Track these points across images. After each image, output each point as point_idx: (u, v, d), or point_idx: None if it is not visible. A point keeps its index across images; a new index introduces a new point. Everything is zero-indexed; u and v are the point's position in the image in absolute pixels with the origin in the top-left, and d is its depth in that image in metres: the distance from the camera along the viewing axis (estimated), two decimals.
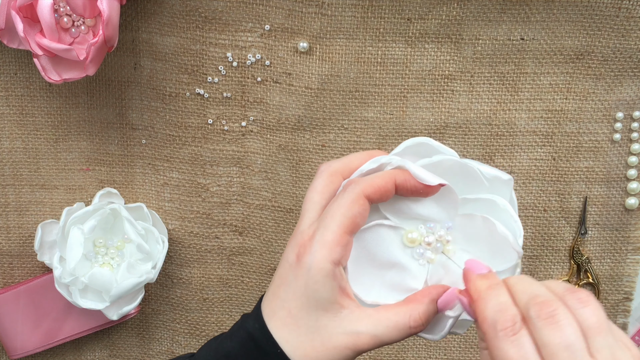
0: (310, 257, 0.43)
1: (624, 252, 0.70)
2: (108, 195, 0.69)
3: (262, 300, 0.46)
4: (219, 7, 0.64)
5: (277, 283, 0.45)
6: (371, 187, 0.44)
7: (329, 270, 0.43)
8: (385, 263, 0.48)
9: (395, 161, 0.46)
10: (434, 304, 0.45)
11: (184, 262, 0.72)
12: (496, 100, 0.66)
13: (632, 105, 0.66)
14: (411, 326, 0.44)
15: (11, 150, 0.69)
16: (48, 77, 0.59)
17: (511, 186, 0.46)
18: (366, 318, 0.44)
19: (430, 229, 0.47)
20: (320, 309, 0.43)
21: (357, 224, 0.44)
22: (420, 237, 0.47)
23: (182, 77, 0.66)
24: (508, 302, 0.39)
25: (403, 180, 0.44)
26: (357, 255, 0.47)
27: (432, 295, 0.45)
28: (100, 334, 0.74)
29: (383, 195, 0.44)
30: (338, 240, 0.43)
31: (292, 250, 0.44)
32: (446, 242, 0.47)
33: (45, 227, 0.68)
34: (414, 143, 0.46)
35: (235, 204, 0.70)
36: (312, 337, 0.43)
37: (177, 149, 0.69)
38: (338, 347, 0.43)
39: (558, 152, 0.68)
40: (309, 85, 0.66)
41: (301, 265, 0.43)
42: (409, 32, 0.64)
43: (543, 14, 0.63)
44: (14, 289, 0.70)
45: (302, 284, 0.43)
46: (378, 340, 0.44)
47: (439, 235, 0.47)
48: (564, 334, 0.37)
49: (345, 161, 0.47)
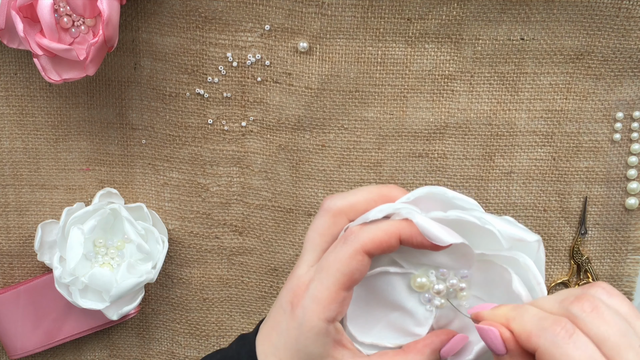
0: (302, 311, 0.41)
1: (624, 252, 0.70)
2: (108, 195, 0.69)
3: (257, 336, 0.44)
4: (219, 7, 0.64)
5: (270, 324, 0.43)
6: (372, 242, 0.41)
7: (321, 328, 0.41)
8: (388, 305, 0.45)
9: (404, 211, 0.41)
10: (436, 354, 0.43)
11: (184, 262, 0.72)
12: (496, 100, 0.66)
13: (632, 105, 0.66)
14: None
15: (11, 150, 0.69)
16: (48, 77, 0.59)
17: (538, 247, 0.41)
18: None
19: (442, 275, 0.44)
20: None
21: (354, 280, 0.41)
22: (430, 283, 0.44)
23: (182, 77, 0.66)
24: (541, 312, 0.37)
25: (409, 235, 0.41)
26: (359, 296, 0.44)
27: (435, 345, 0.43)
28: (100, 334, 0.74)
29: (385, 250, 0.41)
30: (333, 297, 0.41)
31: (287, 295, 0.42)
32: (459, 290, 0.44)
33: (45, 227, 0.68)
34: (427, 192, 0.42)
35: (235, 204, 0.70)
36: None
37: (177, 149, 0.69)
38: None
39: (558, 152, 0.68)
40: (309, 85, 0.66)
41: (294, 318, 0.41)
42: (409, 32, 0.64)
43: (543, 14, 0.63)
44: (14, 289, 0.70)
45: (294, 337, 0.41)
46: None
47: (450, 284, 0.43)
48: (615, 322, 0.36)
49: (351, 200, 0.43)
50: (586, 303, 0.36)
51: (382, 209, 0.42)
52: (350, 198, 0.43)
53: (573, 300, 0.36)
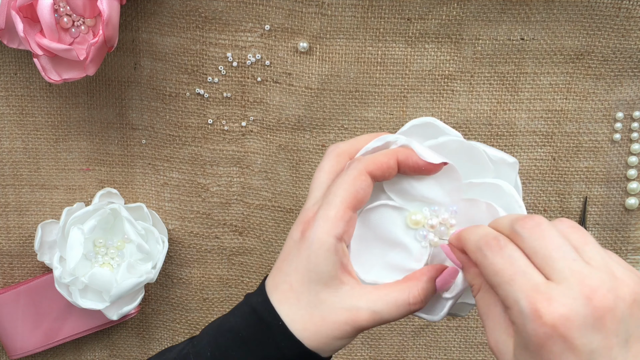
0: (313, 232, 0.43)
1: (624, 252, 0.70)
2: (108, 195, 0.69)
3: (267, 277, 0.47)
4: (219, 7, 0.64)
5: (281, 258, 0.46)
6: (374, 163, 0.44)
7: (330, 245, 0.43)
8: (387, 243, 0.48)
9: (400, 140, 0.46)
10: (433, 282, 0.45)
11: (184, 262, 0.72)
12: (496, 100, 0.66)
13: (632, 105, 0.66)
14: (410, 303, 0.44)
15: (11, 150, 0.69)
16: (48, 77, 0.59)
17: (516, 170, 0.46)
18: (366, 295, 0.44)
19: (435, 212, 0.47)
20: (321, 283, 0.44)
21: (359, 200, 0.44)
22: (424, 219, 0.47)
23: (182, 77, 0.66)
24: (490, 229, 0.41)
25: (405, 157, 0.45)
26: (360, 235, 0.47)
27: (431, 273, 0.45)
28: (100, 334, 0.74)
29: (385, 171, 0.45)
30: (341, 215, 0.43)
31: (297, 227, 0.45)
32: (450, 226, 0.47)
33: (45, 227, 0.68)
34: (420, 122, 0.47)
35: (235, 204, 0.70)
36: (312, 311, 0.44)
37: (177, 149, 0.69)
38: (337, 322, 0.44)
39: (558, 152, 0.68)
40: (309, 85, 0.66)
41: (304, 241, 0.44)
42: (409, 32, 0.64)
43: (543, 14, 0.63)
44: (14, 289, 0.70)
45: (305, 258, 0.44)
46: (377, 316, 0.44)
47: (442, 219, 0.47)
48: (552, 236, 0.38)
49: (352, 142, 0.47)
50: (530, 222, 0.39)
51: (381, 138, 0.46)
52: (351, 142, 0.47)
53: (521, 218, 0.40)
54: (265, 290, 0.46)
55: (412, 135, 0.47)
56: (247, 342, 0.44)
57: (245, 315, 0.45)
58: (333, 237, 0.43)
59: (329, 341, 0.44)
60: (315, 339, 0.44)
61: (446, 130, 0.47)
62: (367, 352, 0.74)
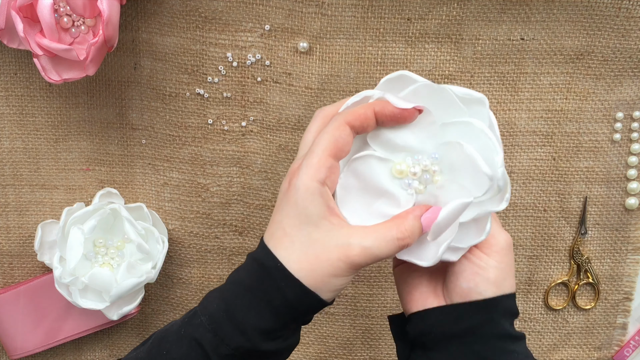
0: (299, 178, 0.46)
1: (624, 252, 0.70)
2: (108, 195, 0.69)
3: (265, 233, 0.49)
4: (219, 7, 0.64)
5: (274, 211, 0.49)
6: (352, 115, 0.47)
7: (315, 189, 0.46)
8: (374, 191, 0.50)
9: (377, 94, 0.49)
10: (418, 220, 0.48)
11: (184, 262, 0.72)
12: (496, 100, 0.66)
13: (632, 105, 0.66)
14: (398, 238, 0.47)
15: (11, 150, 0.69)
16: (48, 77, 0.59)
17: (486, 105, 0.48)
18: (356, 232, 0.47)
19: (417, 161, 0.49)
20: (311, 224, 0.46)
21: (339, 148, 0.47)
22: (407, 168, 0.49)
23: (182, 77, 0.66)
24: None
25: (381, 107, 0.47)
26: (347, 184, 0.50)
27: (416, 212, 0.48)
28: (100, 334, 0.74)
29: (364, 122, 0.47)
30: (323, 162, 0.46)
31: (285, 180, 0.48)
32: (433, 173, 0.49)
33: (45, 227, 0.68)
34: (394, 76, 0.49)
35: (235, 204, 0.70)
36: (306, 251, 0.46)
37: (177, 149, 0.69)
38: (330, 259, 0.46)
39: (558, 152, 0.68)
40: (309, 85, 0.66)
41: (291, 188, 0.47)
42: (409, 32, 0.64)
43: (543, 14, 0.63)
44: (14, 289, 0.70)
45: (293, 204, 0.46)
46: (368, 251, 0.46)
47: (424, 165, 0.49)
48: None
49: (338, 105, 0.50)
50: None
51: (358, 95, 0.49)
52: (337, 105, 0.50)
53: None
54: (263, 240, 0.48)
55: (388, 89, 0.50)
56: (250, 289, 0.47)
57: (247, 267, 0.48)
58: (316, 181, 0.46)
59: (325, 279, 0.46)
60: (312, 277, 0.46)
61: (417, 79, 0.49)
62: (367, 352, 0.74)
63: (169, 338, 0.48)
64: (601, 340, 0.73)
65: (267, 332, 0.46)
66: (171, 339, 0.48)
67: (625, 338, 0.73)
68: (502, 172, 0.47)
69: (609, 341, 0.73)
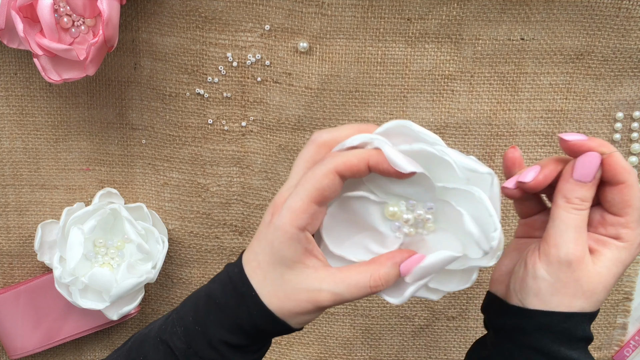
0: (279, 219, 0.46)
1: None
2: (108, 195, 0.69)
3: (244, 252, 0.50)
4: (219, 7, 0.64)
5: (255, 236, 0.49)
6: (344, 164, 0.46)
7: (292, 234, 0.46)
8: (363, 226, 0.49)
9: (376, 142, 0.47)
10: (396, 267, 0.47)
11: (184, 262, 0.72)
12: (496, 100, 0.66)
13: (632, 105, 0.66)
14: (371, 286, 0.46)
15: (11, 150, 0.69)
16: (48, 77, 0.59)
17: (491, 180, 0.46)
18: (328, 277, 0.47)
19: (411, 206, 0.48)
20: (285, 265, 0.47)
21: (325, 197, 0.46)
22: (400, 212, 0.48)
23: (182, 77, 0.66)
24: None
25: (376, 162, 0.46)
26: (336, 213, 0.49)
27: (396, 259, 0.47)
28: (100, 334, 0.74)
29: (355, 173, 0.46)
30: (305, 208, 0.46)
31: (269, 210, 0.48)
32: (426, 221, 0.48)
33: (45, 227, 0.68)
34: (396, 125, 0.48)
35: (235, 204, 0.70)
36: (276, 288, 0.47)
37: (177, 149, 0.69)
38: (299, 300, 0.47)
39: (558, 152, 0.68)
40: (309, 85, 0.66)
41: (271, 225, 0.47)
42: (409, 32, 0.64)
43: (543, 14, 0.63)
44: (14, 289, 0.70)
45: (270, 242, 0.47)
46: (338, 297, 0.47)
47: (417, 214, 0.48)
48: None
49: (335, 133, 0.49)
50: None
51: (357, 137, 0.47)
52: (334, 132, 0.49)
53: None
54: (242, 262, 0.49)
55: (390, 136, 0.48)
56: (223, 309, 0.48)
57: (223, 284, 0.49)
58: (295, 227, 0.46)
59: (292, 315, 0.47)
60: (279, 312, 0.47)
61: (422, 134, 0.47)
62: (367, 352, 0.74)
63: (148, 342, 0.50)
64: (601, 340, 0.73)
65: (237, 347, 0.48)
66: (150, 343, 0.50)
67: (625, 338, 0.73)
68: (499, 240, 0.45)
69: (609, 341, 0.73)
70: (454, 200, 0.47)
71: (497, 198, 0.46)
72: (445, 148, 0.46)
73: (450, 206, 0.47)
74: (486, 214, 0.45)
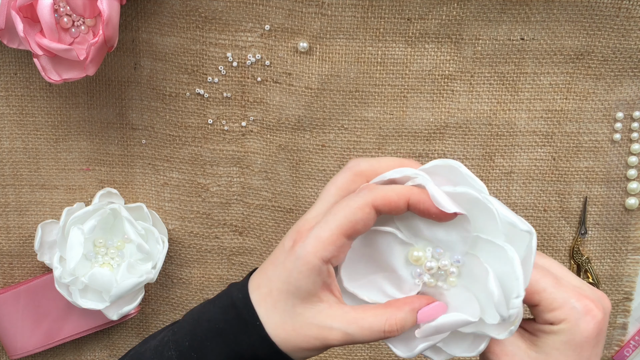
0: (302, 248, 0.43)
1: (624, 252, 0.70)
2: (108, 195, 0.69)
3: (252, 274, 0.47)
4: (219, 7, 0.64)
5: (269, 260, 0.46)
6: (382, 199, 0.43)
7: (315, 265, 0.43)
8: (382, 265, 0.47)
9: (419, 178, 0.44)
10: (414, 313, 0.44)
11: (184, 262, 0.72)
12: (496, 100, 0.66)
13: (632, 105, 0.66)
14: (385, 331, 0.44)
15: (11, 150, 0.69)
16: (48, 77, 0.59)
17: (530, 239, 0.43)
18: (341, 315, 0.44)
19: (437, 255, 0.46)
20: (299, 297, 0.44)
21: (357, 230, 0.43)
22: (424, 259, 0.46)
23: (182, 77, 0.66)
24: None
25: (417, 200, 0.43)
26: (357, 248, 0.46)
27: (414, 305, 0.45)
28: (100, 334, 0.74)
29: (392, 209, 0.43)
30: (333, 240, 0.43)
31: (291, 235, 0.45)
32: (449, 274, 0.46)
33: (45, 227, 0.68)
34: (444, 164, 0.44)
35: (235, 204, 0.70)
36: (285, 319, 0.44)
37: (177, 149, 0.69)
38: (307, 336, 0.44)
39: (558, 152, 0.68)
40: (309, 85, 0.66)
41: (292, 252, 0.44)
42: (409, 32, 0.64)
43: (543, 14, 0.63)
44: (14, 289, 0.70)
45: (288, 271, 0.44)
46: (349, 337, 0.44)
47: (442, 264, 0.45)
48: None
49: (374, 164, 0.46)
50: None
51: (398, 170, 0.45)
52: (373, 163, 0.46)
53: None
54: (247, 287, 0.46)
55: (434, 174, 0.45)
56: (222, 335, 0.45)
57: (225, 308, 0.46)
58: (319, 259, 0.43)
59: (296, 350, 0.45)
60: (284, 344, 0.44)
61: (469, 179, 0.44)
62: (367, 352, 0.74)
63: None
64: None
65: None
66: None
67: (625, 338, 0.73)
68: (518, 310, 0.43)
69: (609, 341, 0.73)
70: (483, 255, 0.44)
71: (530, 262, 0.43)
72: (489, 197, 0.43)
73: (478, 262, 0.44)
74: (512, 277, 0.42)
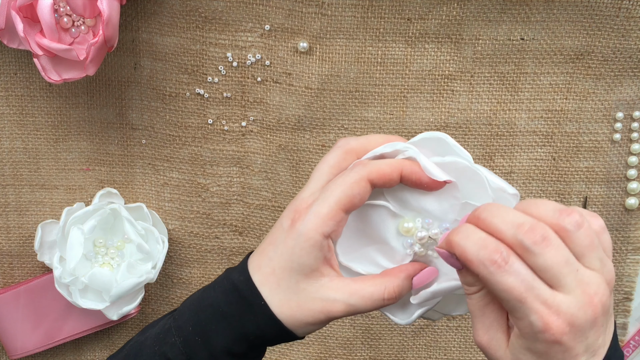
0: (303, 224, 0.45)
1: (624, 252, 0.70)
2: (108, 195, 0.69)
3: (250, 256, 0.48)
4: (219, 7, 0.64)
5: (267, 242, 0.47)
6: (377, 172, 0.45)
7: (316, 241, 0.45)
8: (374, 238, 0.49)
9: (410, 151, 0.46)
10: (409, 280, 0.47)
11: (184, 262, 0.72)
12: (496, 100, 0.66)
13: (632, 105, 0.66)
14: (385, 298, 0.46)
15: (11, 150, 0.69)
16: (48, 77, 0.59)
17: (517, 200, 0.45)
18: (343, 287, 0.46)
19: (427, 225, 0.47)
20: (302, 273, 0.46)
21: (354, 204, 0.45)
22: (415, 229, 0.47)
23: (182, 77, 0.66)
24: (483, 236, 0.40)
25: (410, 171, 0.45)
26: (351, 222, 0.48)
27: (409, 271, 0.47)
28: (100, 334, 0.74)
29: (386, 182, 0.45)
30: (333, 215, 0.45)
31: (288, 215, 0.46)
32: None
33: (45, 227, 0.68)
34: (431, 136, 0.47)
35: (235, 204, 0.70)
36: (289, 296, 0.46)
37: (177, 149, 0.69)
38: (312, 310, 0.46)
39: (558, 152, 0.68)
40: (309, 85, 0.66)
41: (293, 230, 0.45)
42: (409, 32, 0.64)
43: (543, 14, 0.63)
44: (14, 289, 0.70)
45: (290, 248, 0.45)
46: (352, 308, 0.46)
47: (432, 233, 0.47)
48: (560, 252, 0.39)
49: (363, 141, 0.48)
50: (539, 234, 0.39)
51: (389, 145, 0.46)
52: (362, 140, 0.48)
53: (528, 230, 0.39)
54: (247, 269, 0.47)
55: (422, 147, 0.47)
56: (227, 317, 0.46)
57: (227, 292, 0.47)
58: (320, 234, 0.45)
59: (302, 325, 0.46)
60: (289, 321, 0.46)
61: (456, 149, 0.46)
62: (367, 352, 0.74)
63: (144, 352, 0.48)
64: None
65: (238, 355, 0.47)
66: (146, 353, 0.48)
67: (625, 338, 0.73)
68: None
69: None
70: None
71: None
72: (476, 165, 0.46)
73: None
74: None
